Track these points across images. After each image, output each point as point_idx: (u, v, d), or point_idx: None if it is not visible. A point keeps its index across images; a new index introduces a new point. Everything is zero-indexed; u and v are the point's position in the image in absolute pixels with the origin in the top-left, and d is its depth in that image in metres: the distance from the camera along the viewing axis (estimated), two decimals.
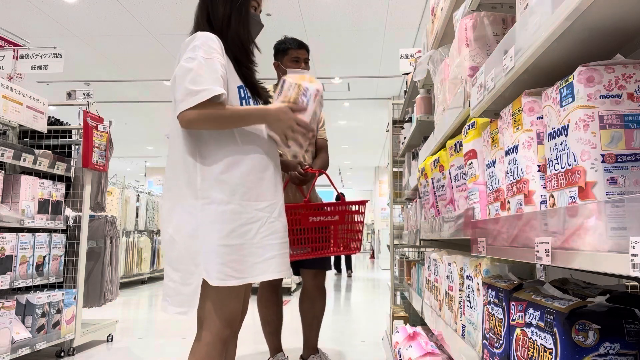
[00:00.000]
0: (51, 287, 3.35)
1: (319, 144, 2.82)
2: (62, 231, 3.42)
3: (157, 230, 8.79)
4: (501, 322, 1.05)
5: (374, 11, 5.68)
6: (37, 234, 3.08)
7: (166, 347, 3.69)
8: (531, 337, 0.89)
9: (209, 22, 1.69)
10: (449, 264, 1.61)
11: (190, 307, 1.53)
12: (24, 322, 2.95)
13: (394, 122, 4.14)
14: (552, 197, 0.84)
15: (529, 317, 0.90)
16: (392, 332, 2.90)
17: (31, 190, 3.05)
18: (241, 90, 1.65)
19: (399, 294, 4.15)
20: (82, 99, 4.25)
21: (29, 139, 3.47)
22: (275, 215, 1.63)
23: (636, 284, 1.58)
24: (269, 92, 1.81)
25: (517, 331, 0.95)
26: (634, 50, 0.91)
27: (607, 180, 0.73)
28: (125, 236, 7.53)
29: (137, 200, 8.08)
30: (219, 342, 1.56)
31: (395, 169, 4.09)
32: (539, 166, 0.94)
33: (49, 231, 3.27)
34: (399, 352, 2.22)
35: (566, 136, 0.79)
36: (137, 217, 7.99)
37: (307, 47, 2.73)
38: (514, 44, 0.97)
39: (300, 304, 2.82)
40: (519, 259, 0.90)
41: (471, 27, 1.37)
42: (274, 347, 2.81)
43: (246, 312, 1.84)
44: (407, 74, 3.96)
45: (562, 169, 0.81)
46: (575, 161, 0.77)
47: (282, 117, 1.62)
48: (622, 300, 0.88)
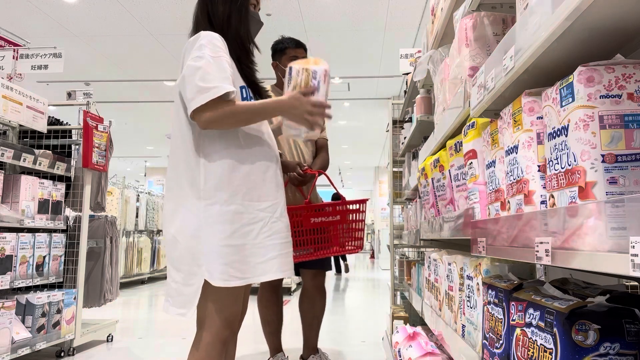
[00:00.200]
0: (51, 287, 3.35)
1: (319, 143, 2.81)
2: (62, 231, 3.42)
3: (157, 230, 8.79)
4: (501, 322, 1.05)
5: (374, 11, 5.68)
6: (37, 234, 3.08)
7: (166, 347, 3.69)
8: (531, 337, 0.89)
9: (210, 22, 1.68)
10: (449, 264, 1.61)
11: (190, 308, 1.53)
12: (24, 322, 2.95)
13: (394, 122, 4.14)
14: (552, 197, 0.84)
15: (529, 317, 0.90)
16: (392, 332, 2.90)
17: (31, 190, 3.05)
18: (244, 90, 1.65)
19: (399, 294, 4.15)
20: (82, 99, 4.25)
21: (29, 139, 3.47)
22: (277, 215, 1.63)
23: (636, 284, 1.58)
24: (268, 92, 1.81)
25: (517, 331, 0.95)
26: (634, 50, 0.91)
27: (607, 180, 0.73)
28: (125, 236, 7.53)
29: (137, 200, 8.08)
30: (219, 342, 1.56)
31: (395, 169, 4.09)
32: (539, 166, 0.94)
33: (49, 231, 3.27)
34: (399, 352, 2.22)
35: (566, 136, 0.79)
36: (137, 217, 7.99)
37: (304, 46, 2.72)
38: (514, 44, 0.97)
39: (300, 304, 2.82)
40: (519, 259, 0.90)
41: (471, 27, 1.37)
42: (274, 347, 2.81)
43: (246, 312, 1.84)
44: (407, 74, 3.96)
45: (562, 169, 0.81)
46: (575, 161, 0.77)
47: (296, 104, 1.62)
48: (622, 300, 0.88)
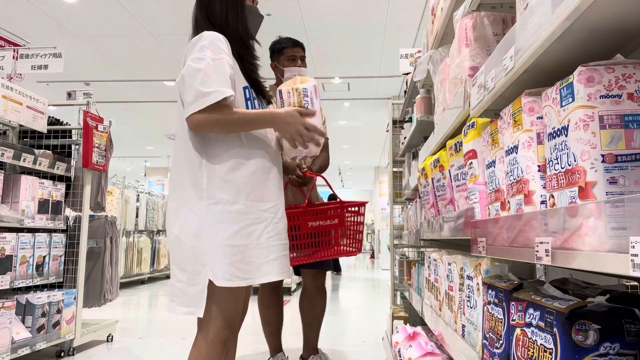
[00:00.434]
0: (51, 287, 3.35)
1: None
2: (62, 231, 3.42)
3: (157, 230, 8.79)
4: (501, 322, 1.05)
5: (374, 11, 5.68)
6: (37, 234, 3.08)
7: (166, 347, 3.69)
8: (531, 337, 0.89)
9: (210, 22, 1.67)
10: (449, 264, 1.61)
11: (197, 307, 1.53)
12: (24, 322, 2.95)
13: (394, 122, 4.14)
14: (552, 197, 0.84)
15: (529, 317, 0.90)
16: (392, 332, 2.90)
17: (31, 190, 3.05)
18: (246, 90, 1.65)
19: (399, 294, 4.15)
20: (82, 99, 4.25)
21: (29, 139, 3.47)
22: (279, 216, 1.64)
23: (636, 284, 1.58)
24: (269, 93, 1.81)
25: (517, 331, 0.95)
26: (634, 50, 0.91)
27: (607, 180, 0.73)
28: (125, 236, 7.53)
29: (137, 200, 8.08)
30: (219, 342, 1.56)
31: (395, 169, 4.09)
32: (539, 166, 0.94)
33: (49, 231, 3.27)
34: (399, 352, 2.22)
35: (566, 136, 0.79)
36: (137, 217, 7.99)
37: (302, 45, 2.70)
38: (514, 44, 0.97)
39: (300, 304, 2.82)
40: (519, 259, 0.90)
41: (471, 27, 1.37)
42: (274, 347, 2.81)
43: (246, 313, 1.84)
44: (407, 74, 3.96)
45: (562, 169, 0.81)
46: (575, 161, 0.77)
47: (290, 120, 1.62)
48: (622, 300, 0.88)
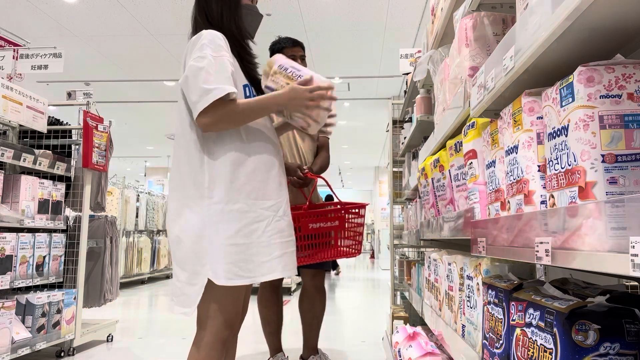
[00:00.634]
0: (51, 287, 3.35)
1: (320, 142, 2.81)
2: (62, 231, 3.42)
3: (157, 230, 8.79)
4: (501, 322, 1.05)
5: (374, 11, 5.68)
6: (37, 234, 3.08)
7: (166, 347, 3.69)
8: (531, 337, 0.89)
9: (208, 21, 1.68)
10: (449, 264, 1.61)
11: (191, 307, 1.53)
12: (24, 322, 2.95)
13: (394, 122, 4.14)
14: (552, 197, 0.84)
15: (529, 317, 0.90)
16: (392, 332, 2.90)
17: (31, 190, 3.05)
18: (246, 88, 1.65)
19: (399, 294, 4.15)
20: (82, 99, 4.25)
21: (29, 139, 3.47)
22: (280, 214, 1.63)
23: (636, 284, 1.58)
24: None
25: (517, 331, 0.95)
26: (634, 50, 0.91)
27: (607, 180, 0.73)
28: (125, 236, 7.53)
29: (137, 200, 8.08)
30: (219, 342, 1.56)
31: (395, 169, 4.09)
32: (539, 166, 0.94)
33: (49, 231, 3.27)
34: (399, 352, 2.22)
35: (566, 136, 0.79)
36: (137, 217, 7.99)
37: (302, 45, 2.70)
38: (514, 44, 0.97)
39: (300, 304, 2.82)
40: (519, 259, 0.90)
41: (471, 27, 1.37)
42: (274, 347, 2.81)
43: (246, 312, 1.83)
44: (407, 74, 3.96)
45: (562, 169, 0.81)
46: (575, 161, 0.77)
47: (294, 95, 1.62)
48: (622, 300, 0.88)
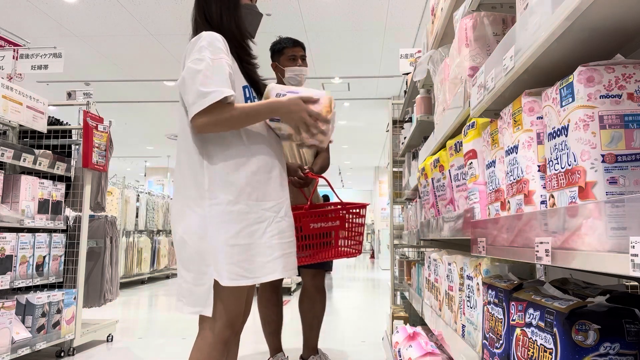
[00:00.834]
0: (51, 287, 3.35)
1: None
2: (62, 231, 3.42)
3: (157, 230, 8.79)
4: (501, 322, 1.05)
5: (374, 11, 5.68)
6: (37, 234, 3.08)
7: (166, 347, 3.69)
8: (531, 337, 0.89)
9: (208, 22, 1.68)
10: (449, 264, 1.61)
11: (204, 306, 1.53)
12: (24, 322, 2.95)
13: (394, 122, 4.14)
14: (552, 197, 0.84)
15: (529, 317, 0.90)
16: (392, 332, 2.90)
17: (31, 190, 3.05)
18: (246, 90, 1.65)
19: (399, 294, 4.15)
20: (82, 99, 4.25)
21: (29, 139, 3.46)
22: (281, 214, 1.63)
23: (636, 284, 1.58)
24: None
25: (517, 331, 0.95)
26: (634, 50, 0.91)
27: (607, 180, 0.73)
28: (125, 236, 7.53)
29: (137, 200, 8.08)
30: (220, 342, 1.56)
31: (395, 169, 4.09)
32: (539, 166, 0.94)
33: (49, 231, 3.27)
34: (399, 352, 2.22)
35: (566, 136, 0.79)
36: (137, 217, 7.99)
37: (302, 45, 2.70)
38: (514, 44, 0.97)
39: (300, 304, 2.82)
40: (519, 259, 0.90)
41: (471, 27, 1.37)
42: (274, 347, 2.81)
43: (249, 313, 1.83)
44: (407, 74, 3.96)
45: (562, 169, 0.81)
46: (575, 161, 0.77)
47: (293, 108, 1.61)
48: (622, 300, 0.88)
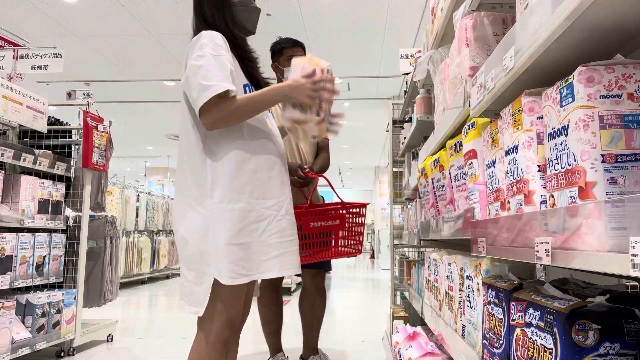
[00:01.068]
0: (51, 287, 3.35)
1: (320, 143, 2.81)
2: (62, 231, 3.42)
3: (157, 230, 8.78)
4: (501, 322, 1.05)
5: (374, 11, 5.68)
6: (37, 234, 3.08)
7: (166, 347, 3.69)
8: (531, 337, 0.89)
9: (205, 22, 1.69)
10: (449, 264, 1.61)
11: (201, 306, 1.54)
12: (24, 322, 2.95)
13: (394, 122, 4.14)
14: (552, 197, 0.84)
15: (529, 317, 0.90)
16: (392, 332, 2.90)
17: (31, 190, 3.05)
18: (247, 88, 1.66)
19: (399, 294, 4.15)
20: (82, 99, 4.25)
21: (29, 139, 3.46)
22: (282, 213, 1.63)
23: (636, 284, 1.58)
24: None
25: (517, 331, 0.95)
26: (634, 50, 0.91)
27: (607, 180, 0.73)
28: (125, 236, 7.53)
29: (137, 200, 8.08)
30: (219, 342, 1.56)
31: (395, 169, 4.09)
32: (539, 166, 0.94)
33: (49, 231, 3.27)
34: (399, 352, 2.22)
35: (566, 136, 0.79)
36: (137, 217, 7.99)
37: (302, 45, 2.70)
38: (514, 44, 0.97)
39: (300, 304, 2.82)
40: (519, 259, 0.90)
41: (471, 27, 1.37)
42: (274, 347, 2.81)
43: (248, 313, 1.83)
44: (407, 74, 3.96)
45: (562, 169, 0.81)
46: (575, 161, 0.77)
47: (296, 85, 1.62)
48: (622, 300, 0.88)
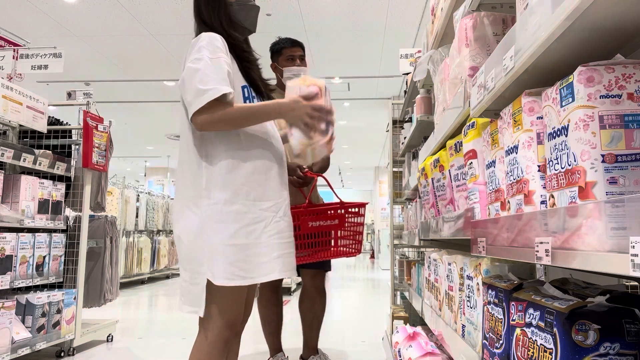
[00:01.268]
0: (51, 287, 3.35)
1: None
2: (62, 231, 3.42)
3: (157, 230, 8.78)
4: (501, 322, 1.05)
5: (374, 11, 5.68)
6: (37, 234, 3.08)
7: (166, 347, 3.69)
8: (531, 337, 0.89)
9: (203, 23, 1.69)
10: (449, 264, 1.61)
11: (199, 306, 1.54)
12: (24, 322, 2.95)
13: (394, 122, 4.14)
14: (552, 197, 0.84)
15: (529, 317, 0.90)
16: (392, 332, 2.90)
17: (31, 190, 3.05)
18: (245, 89, 1.66)
19: (399, 294, 4.15)
20: (82, 99, 4.25)
21: (29, 139, 3.46)
22: (280, 214, 1.63)
23: (636, 284, 1.58)
24: (274, 90, 1.81)
25: (517, 331, 0.95)
26: (634, 50, 0.91)
27: (607, 180, 0.73)
28: (125, 236, 7.53)
29: (137, 200, 8.08)
30: (220, 342, 1.56)
31: (395, 169, 4.09)
32: (539, 166, 0.94)
33: (49, 231, 3.27)
34: (399, 352, 2.22)
35: (566, 136, 0.79)
36: (137, 217, 7.99)
37: (301, 45, 2.70)
38: (514, 44, 0.97)
39: (300, 304, 2.82)
40: (519, 259, 0.90)
41: (471, 27, 1.37)
42: (274, 347, 2.81)
43: (250, 313, 1.83)
44: (407, 74, 3.96)
45: (562, 169, 0.81)
46: (575, 161, 0.77)
47: (295, 106, 1.62)
48: (622, 300, 0.88)
